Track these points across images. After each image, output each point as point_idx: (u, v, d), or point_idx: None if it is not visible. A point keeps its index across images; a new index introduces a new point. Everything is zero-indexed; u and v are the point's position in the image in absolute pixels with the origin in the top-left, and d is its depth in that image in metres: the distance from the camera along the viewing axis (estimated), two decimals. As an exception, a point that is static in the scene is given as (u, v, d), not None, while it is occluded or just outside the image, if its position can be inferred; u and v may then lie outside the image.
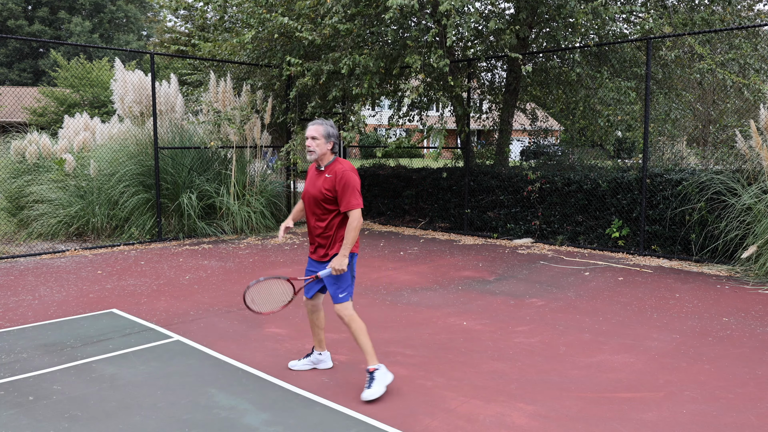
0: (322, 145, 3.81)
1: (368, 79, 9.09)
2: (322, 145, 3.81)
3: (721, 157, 8.58)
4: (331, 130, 3.83)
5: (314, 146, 3.80)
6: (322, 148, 3.81)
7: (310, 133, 3.81)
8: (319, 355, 4.21)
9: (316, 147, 3.80)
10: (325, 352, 4.24)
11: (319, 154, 3.82)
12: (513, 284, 6.79)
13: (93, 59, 33.86)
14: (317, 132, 3.80)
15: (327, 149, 3.83)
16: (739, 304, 5.96)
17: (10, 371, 4.16)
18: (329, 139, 3.82)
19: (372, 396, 3.68)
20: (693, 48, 9.27)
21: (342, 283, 3.80)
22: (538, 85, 11.82)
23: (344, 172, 3.74)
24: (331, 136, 3.82)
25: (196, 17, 12.48)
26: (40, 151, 10.75)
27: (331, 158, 3.86)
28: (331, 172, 3.79)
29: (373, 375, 3.77)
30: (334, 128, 3.86)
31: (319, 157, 3.83)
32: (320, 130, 3.80)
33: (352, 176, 3.75)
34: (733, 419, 3.46)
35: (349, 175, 3.74)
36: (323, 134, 3.80)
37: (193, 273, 7.30)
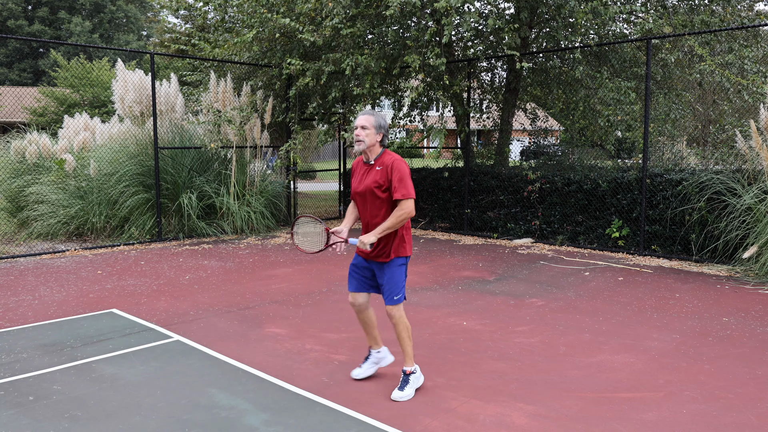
0: (372, 136, 3.68)
1: (369, 79, 9.09)
2: (372, 135, 3.68)
3: (721, 157, 8.58)
4: (382, 122, 3.71)
5: (363, 135, 3.67)
6: (372, 139, 3.69)
7: (360, 123, 3.69)
8: (378, 352, 4.06)
9: (366, 137, 3.67)
10: (383, 348, 4.09)
11: (368, 145, 3.69)
12: (513, 284, 6.79)
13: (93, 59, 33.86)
14: (368, 122, 3.68)
15: (376, 140, 3.71)
16: (739, 304, 5.96)
17: (10, 371, 4.16)
18: (380, 130, 3.70)
19: (402, 398, 3.68)
20: (693, 49, 9.28)
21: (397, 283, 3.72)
22: (538, 85, 11.82)
23: (394, 162, 3.65)
24: (381, 128, 3.71)
25: (196, 18, 12.48)
26: (40, 151, 10.75)
27: (380, 150, 3.74)
28: (381, 164, 3.69)
29: (408, 377, 3.77)
30: (385, 120, 3.75)
31: (368, 147, 3.70)
32: (371, 120, 3.69)
33: (404, 166, 3.66)
34: (733, 419, 3.46)
35: (401, 165, 3.65)
36: (374, 124, 3.69)
37: (193, 273, 7.30)
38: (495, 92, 12.34)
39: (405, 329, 3.78)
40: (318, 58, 10.27)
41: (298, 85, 9.64)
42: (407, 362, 3.81)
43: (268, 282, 6.87)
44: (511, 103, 11.16)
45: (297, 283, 6.79)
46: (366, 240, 3.60)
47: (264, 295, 6.29)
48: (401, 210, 3.61)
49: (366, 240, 3.60)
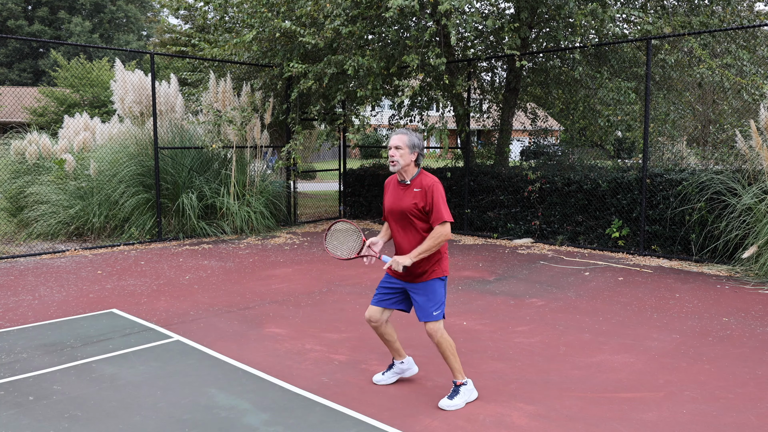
0: (406, 156, 3.63)
1: (371, 80, 9.09)
2: (406, 155, 3.63)
3: (720, 157, 8.58)
4: (416, 141, 3.66)
5: (398, 156, 3.62)
6: (406, 159, 3.63)
7: (394, 143, 3.64)
8: (401, 363, 4.01)
9: (400, 158, 3.62)
10: (408, 358, 4.05)
11: (402, 165, 3.64)
12: (513, 284, 6.79)
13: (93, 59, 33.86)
14: (401, 141, 3.63)
15: (411, 160, 3.65)
16: (739, 304, 5.96)
17: (10, 371, 4.16)
18: (414, 149, 3.64)
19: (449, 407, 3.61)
20: (692, 51, 9.28)
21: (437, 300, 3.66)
22: (538, 84, 11.82)
23: (433, 185, 3.60)
24: (416, 147, 3.65)
25: (197, 18, 12.48)
26: (40, 151, 10.75)
27: (415, 171, 3.69)
28: (419, 185, 3.63)
29: (459, 389, 3.68)
30: (420, 139, 3.71)
31: (402, 168, 3.65)
32: (404, 140, 3.63)
33: (441, 189, 3.63)
34: (733, 419, 3.46)
35: (438, 188, 3.61)
36: (407, 144, 3.63)
37: (193, 273, 7.30)
38: (495, 92, 12.34)
39: (448, 346, 3.68)
40: (319, 60, 10.26)
41: (299, 87, 9.64)
42: (456, 376, 3.71)
43: (268, 282, 6.87)
44: (511, 103, 11.17)
45: (297, 283, 6.79)
46: (401, 261, 3.54)
47: (264, 295, 6.29)
48: (439, 233, 3.56)
49: (401, 261, 3.54)
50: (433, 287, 3.66)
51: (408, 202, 3.63)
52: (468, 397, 3.69)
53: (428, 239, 3.56)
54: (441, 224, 3.56)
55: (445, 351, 3.68)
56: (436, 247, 3.57)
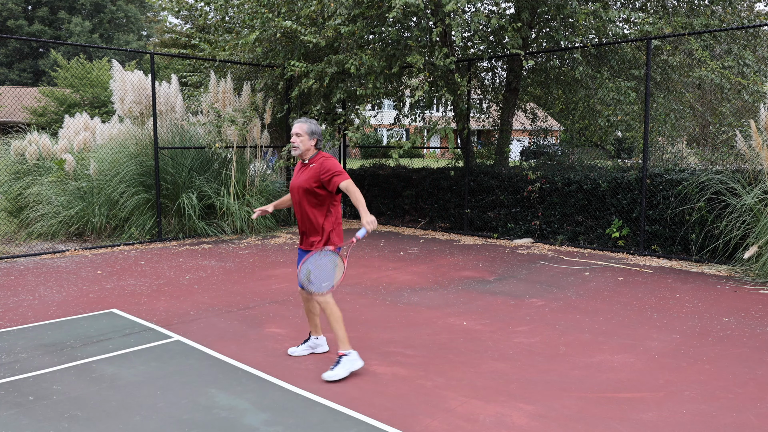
0: (306, 141, 4.13)
1: (372, 79, 9.08)
2: (306, 141, 4.13)
3: (720, 157, 8.58)
4: (314, 128, 4.15)
5: (298, 142, 4.12)
6: (306, 144, 4.13)
7: (294, 130, 4.12)
8: (316, 339, 4.50)
9: (300, 143, 4.12)
10: (321, 336, 4.53)
11: (302, 150, 4.13)
12: (513, 284, 6.79)
13: (93, 59, 33.85)
14: (302, 129, 4.12)
15: (311, 145, 4.15)
16: (739, 304, 5.96)
17: (10, 371, 4.16)
18: (312, 135, 4.14)
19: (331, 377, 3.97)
20: (693, 52, 9.28)
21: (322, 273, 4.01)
22: (538, 85, 11.82)
23: (324, 159, 4.08)
24: (314, 134, 4.14)
25: (197, 18, 12.48)
26: (40, 151, 10.75)
27: (314, 153, 4.17)
28: (314, 162, 4.11)
29: (341, 359, 4.05)
30: (317, 126, 4.19)
31: (302, 152, 4.14)
32: (304, 128, 4.12)
33: (333, 159, 4.08)
34: (733, 419, 3.46)
35: (329, 160, 4.06)
36: (307, 131, 4.12)
37: (193, 273, 7.30)
38: (495, 92, 12.34)
39: (332, 315, 4.07)
40: (320, 59, 10.26)
41: (301, 87, 9.63)
42: (341, 346, 4.08)
43: (268, 282, 6.87)
44: (511, 103, 11.16)
45: (297, 283, 6.79)
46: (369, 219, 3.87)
47: (264, 295, 6.29)
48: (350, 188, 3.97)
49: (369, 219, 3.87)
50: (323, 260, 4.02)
51: (304, 177, 4.12)
52: (350, 367, 4.05)
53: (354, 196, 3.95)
54: (342, 183, 3.98)
55: (329, 319, 4.08)
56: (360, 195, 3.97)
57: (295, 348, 4.52)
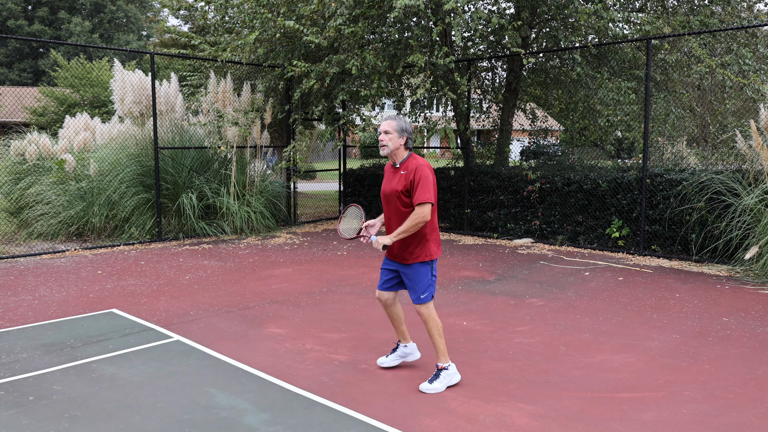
0: (395, 140, 3.80)
1: (377, 79, 9.08)
2: (395, 139, 3.80)
3: (720, 157, 8.58)
4: (404, 125, 3.82)
5: (387, 140, 3.79)
6: (395, 143, 3.80)
7: (383, 128, 3.81)
8: (405, 347, 4.21)
9: (389, 141, 3.79)
10: (411, 343, 4.23)
11: (392, 149, 3.81)
12: (513, 284, 6.79)
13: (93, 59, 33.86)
14: (390, 126, 3.80)
15: (400, 144, 3.81)
16: (739, 304, 5.96)
17: (10, 371, 4.16)
18: (402, 133, 3.81)
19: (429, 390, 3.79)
20: (692, 50, 9.28)
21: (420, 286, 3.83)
22: (538, 85, 11.82)
23: (418, 167, 3.73)
24: (404, 131, 3.81)
25: (197, 17, 12.48)
26: (40, 152, 10.75)
27: (405, 154, 3.85)
28: (406, 168, 3.78)
29: (440, 372, 3.86)
30: (407, 124, 3.86)
31: (392, 151, 3.82)
32: (393, 125, 3.80)
33: (426, 171, 3.73)
34: (733, 419, 3.46)
35: (424, 170, 3.72)
36: (396, 128, 3.79)
37: (193, 273, 7.30)
38: (495, 92, 12.34)
39: (435, 326, 3.85)
40: (320, 60, 10.25)
41: (302, 88, 9.63)
42: (440, 358, 3.89)
43: (268, 282, 6.87)
44: (511, 103, 11.16)
45: (297, 283, 6.79)
46: (381, 241, 3.74)
47: (264, 295, 6.29)
48: (416, 214, 3.68)
49: (381, 241, 3.74)
50: (417, 271, 3.83)
51: (395, 184, 3.81)
52: (449, 381, 3.88)
53: (407, 220, 3.70)
54: (419, 205, 3.68)
55: (431, 330, 3.87)
56: (414, 228, 3.70)
57: (383, 358, 4.23)
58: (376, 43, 9.83)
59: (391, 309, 4.10)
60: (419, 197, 3.68)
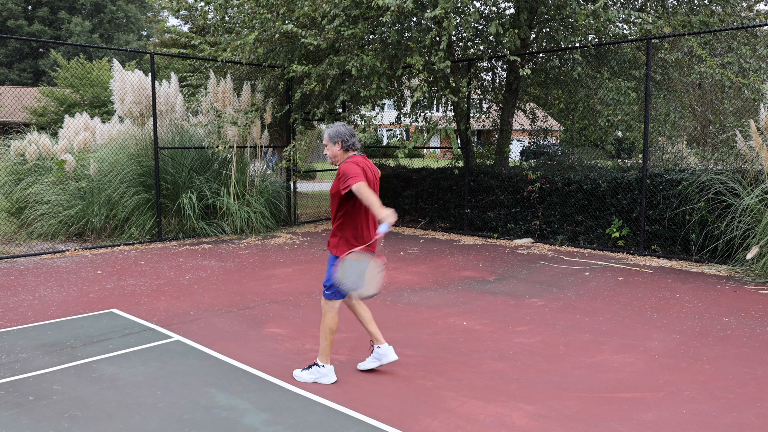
0: (331, 148, 3.96)
1: (376, 80, 9.08)
2: (331, 147, 3.96)
3: (720, 157, 8.58)
4: (333, 131, 3.93)
5: (327, 152, 4.00)
6: (333, 151, 3.96)
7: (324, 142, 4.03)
8: (378, 348, 4.13)
9: (328, 151, 3.99)
10: (384, 344, 4.13)
11: (331, 157, 3.97)
12: (513, 284, 6.79)
13: (93, 59, 33.85)
14: (325, 139, 4.00)
15: (337, 150, 3.94)
16: (739, 304, 5.96)
17: (10, 371, 4.16)
18: (335, 139, 3.92)
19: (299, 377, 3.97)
20: (692, 50, 9.27)
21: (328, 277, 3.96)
22: (538, 85, 11.82)
23: (341, 165, 3.89)
24: (336, 136, 3.92)
25: (197, 17, 12.47)
26: (40, 152, 10.75)
27: (345, 157, 3.96)
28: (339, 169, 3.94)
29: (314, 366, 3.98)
30: (339, 126, 3.95)
31: (333, 160, 3.98)
32: (325, 136, 3.99)
33: (347, 164, 3.84)
34: (733, 419, 3.46)
35: (344, 165, 3.85)
36: (328, 138, 3.97)
37: (193, 273, 7.30)
38: (495, 92, 12.34)
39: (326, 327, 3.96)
40: (320, 60, 10.25)
41: (302, 89, 9.63)
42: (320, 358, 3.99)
43: (268, 282, 6.87)
44: (511, 103, 11.16)
45: (297, 283, 6.79)
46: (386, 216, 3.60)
47: (264, 295, 6.29)
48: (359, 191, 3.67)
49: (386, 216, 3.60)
50: (330, 262, 3.98)
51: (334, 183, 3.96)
52: (317, 378, 3.95)
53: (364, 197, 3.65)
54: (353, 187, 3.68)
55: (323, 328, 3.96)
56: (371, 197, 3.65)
57: (362, 363, 4.21)
58: (376, 44, 9.82)
59: (355, 309, 4.16)
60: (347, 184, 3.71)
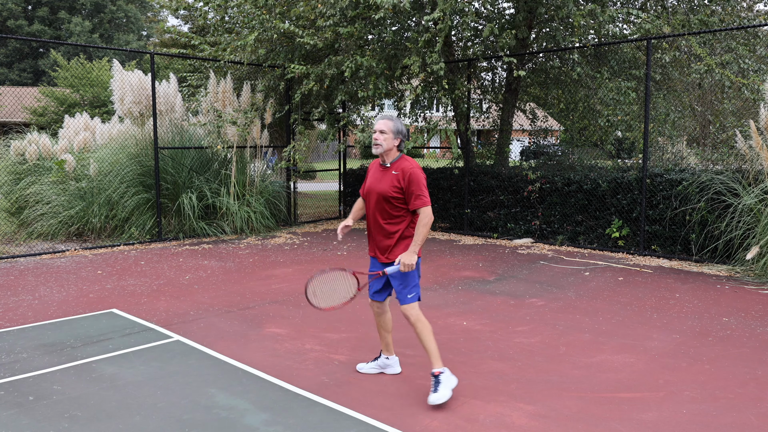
0: (389, 140, 3.77)
1: (373, 80, 9.07)
2: (389, 140, 3.77)
3: (720, 157, 8.58)
4: (400, 127, 3.80)
5: (381, 140, 3.76)
6: (389, 143, 3.77)
7: (379, 127, 3.78)
8: (386, 359, 4.12)
9: (384, 141, 3.76)
10: (393, 356, 4.14)
11: (385, 149, 3.77)
12: (513, 284, 6.79)
13: (93, 59, 33.85)
14: (386, 126, 3.77)
15: (394, 145, 3.79)
16: (739, 304, 5.96)
17: (10, 371, 4.16)
18: (397, 135, 3.79)
19: (439, 400, 3.59)
20: (691, 49, 9.27)
21: (410, 283, 3.76)
22: (538, 85, 11.82)
23: (412, 169, 3.70)
24: (399, 133, 3.79)
25: (197, 18, 12.47)
26: (40, 152, 10.75)
27: (397, 155, 3.82)
28: (398, 168, 3.74)
29: (439, 378, 3.69)
30: (403, 126, 3.84)
31: (384, 152, 3.79)
32: (389, 125, 3.78)
33: (420, 174, 3.71)
34: (733, 419, 3.46)
35: (417, 173, 3.69)
36: (392, 129, 3.77)
37: (193, 273, 7.30)
38: (495, 92, 12.34)
39: (424, 329, 3.76)
40: (320, 60, 10.25)
41: (302, 89, 9.63)
42: (434, 363, 3.74)
43: (268, 282, 6.87)
44: (510, 103, 11.16)
45: (297, 283, 6.79)
46: (408, 261, 3.63)
47: (264, 295, 6.29)
48: (424, 218, 3.66)
49: (408, 261, 3.63)
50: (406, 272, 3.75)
51: (386, 184, 3.75)
52: (450, 384, 3.73)
53: (418, 228, 3.66)
54: (422, 209, 3.67)
55: (421, 333, 3.77)
56: (427, 232, 3.68)
57: (363, 364, 4.19)
58: (375, 43, 9.83)
59: (382, 317, 4.02)
60: (421, 202, 3.67)
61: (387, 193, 3.73)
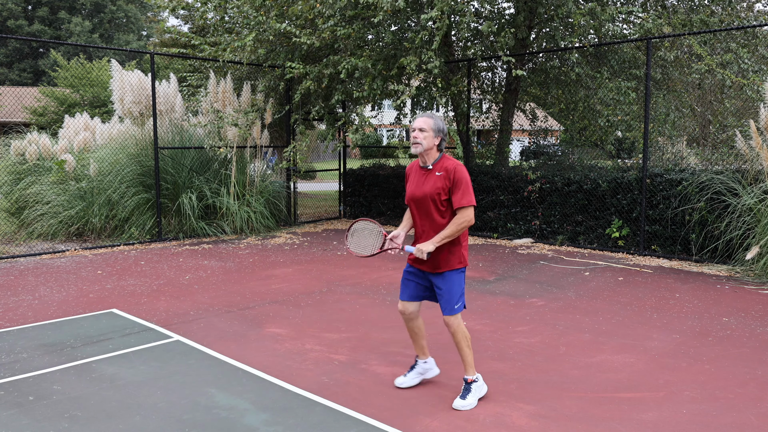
0: (430, 139, 3.59)
1: (369, 81, 9.07)
2: (430, 138, 3.59)
3: (720, 157, 8.58)
4: (441, 125, 3.63)
5: (421, 138, 3.58)
6: (430, 142, 3.60)
7: (418, 125, 3.60)
8: (424, 363, 3.96)
9: (423, 139, 3.58)
10: (430, 359, 3.99)
11: (425, 148, 3.59)
12: (513, 284, 6.79)
13: (93, 59, 33.85)
14: (426, 124, 3.60)
15: (434, 144, 3.61)
16: (739, 304, 5.96)
17: (10, 371, 4.16)
18: (438, 133, 3.61)
19: (464, 407, 3.57)
20: (692, 49, 9.27)
21: (456, 293, 3.62)
22: (538, 85, 11.82)
23: (456, 168, 3.55)
24: (440, 131, 3.62)
25: (196, 18, 12.47)
26: (40, 152, 10.75)
27: (437, 155, 3.64)
28: (441, 169, 3.58)
29: (470, 386, 3.66)
30: (444, 124, 3.67)
31: (424, 150, 3.61)
32: (430, 123, 3.60)
33: (465, 172, 3.57)
34: (733, 419, 3.46)
35: (463, 172, 3.55)
36: (433, 127, 3.60)
37: (193, 273, 7.30)
38: (495, 92, 12.35)
39: (464, 338, 3.67)
40: (320, 60, 10.25)
41: (301, 89, 9.63)
42: (468, 371, 3.70)
43: (268, 282, 6.87)
44: (510, 103, 11.17)
45: (297, 283, 6.80)
46: (424, 249, 3.51)
47: (264, 295, 6.29)
48: (461, 218, 3.53)
49: (424, 249, 3.51)
50: (452, 280, 3.62)
51: (430, 186, 3.59)
52: (480, 393, 3.69)
53: (451, 224, 3.53)
54: (463, 208, 3.53)
55: (460, 342, 3.67)
56: (458, 232, 3.54)
57: (402, 378, 3.93)
58: (373, 44, 9.83)
59: (414, 323, 3.83)
60: (463, 200, 3.52)
61: (432, 197, 3.57)
